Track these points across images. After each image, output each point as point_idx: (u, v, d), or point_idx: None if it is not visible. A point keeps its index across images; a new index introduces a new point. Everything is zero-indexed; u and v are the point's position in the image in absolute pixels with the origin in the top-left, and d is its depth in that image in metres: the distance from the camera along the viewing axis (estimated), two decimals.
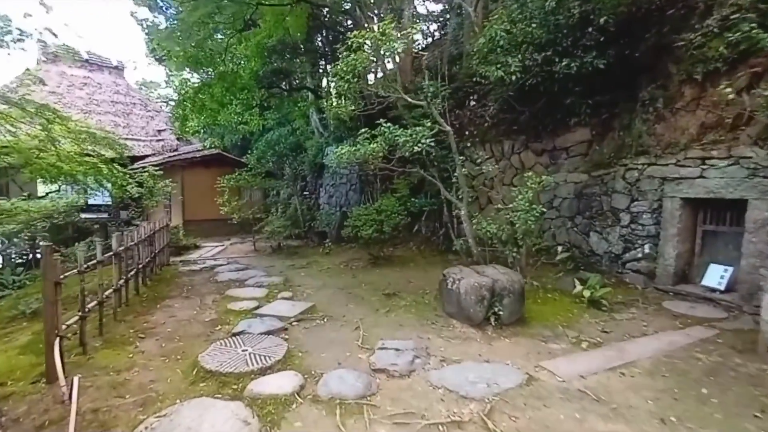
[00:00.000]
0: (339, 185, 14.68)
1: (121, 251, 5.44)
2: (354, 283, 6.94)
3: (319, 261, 8.95)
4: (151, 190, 12.82)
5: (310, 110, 17.01)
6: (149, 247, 7.26)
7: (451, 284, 4.79)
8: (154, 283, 6.91)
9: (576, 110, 6.70)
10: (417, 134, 5.12)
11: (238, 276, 7.33)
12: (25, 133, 8.98)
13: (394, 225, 8.02)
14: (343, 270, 8.05)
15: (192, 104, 10.97)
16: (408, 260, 8.62)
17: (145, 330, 4.76)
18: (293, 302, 5.55)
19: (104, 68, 19.21)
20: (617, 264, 5.83)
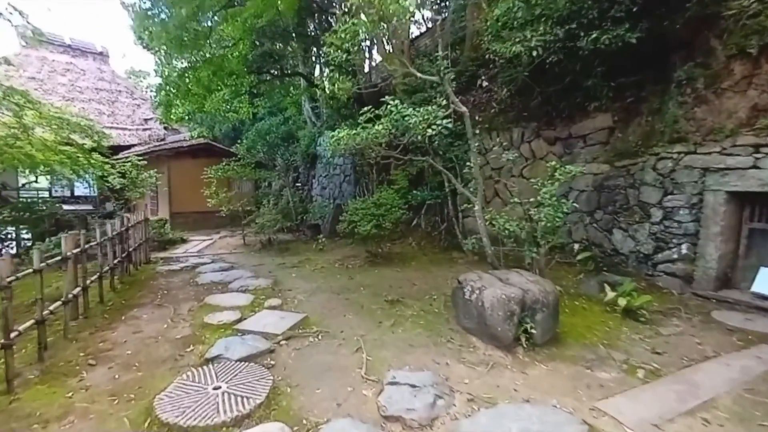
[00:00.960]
0: (333, 176, 13.56)
1: (76, 253, 4.33)
2: (351, 285, 5.95)
3: (312, 259, 7.92)
4: (134, 181, 11.55)
5: (303, 98, 15.78)
6: (121, 246, 6.14)
7: (469, 294, 3.83)
8: (125, 287, 5.81)
9: (596, 93, 5.74)
10: (429, 114, 4.08)
11: (222, 277, 6.26)
12: None
13: (394, 220, 7.01)
14: (339, 269, 7.04)
15: (176, 89, 9.67)
16: (408, 258, 7.65)
17: (99, 353, 3.70)
18: (282, 313, 4.53)
19: (88, 54, 17.55)
20: (646, 265, 4.95)
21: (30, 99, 7.96)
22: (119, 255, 5.99)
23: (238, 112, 13.56)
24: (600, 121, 5.91)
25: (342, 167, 12.73)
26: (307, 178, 16.16)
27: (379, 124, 4.04)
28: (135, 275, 6.59)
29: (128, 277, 6.36)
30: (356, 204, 7.56)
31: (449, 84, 4.46)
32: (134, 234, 7.07)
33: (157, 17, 10.00)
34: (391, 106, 4.15)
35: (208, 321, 4.32)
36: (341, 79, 7.18)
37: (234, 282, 5.95)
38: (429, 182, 8.59)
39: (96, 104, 15.85)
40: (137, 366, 3.46)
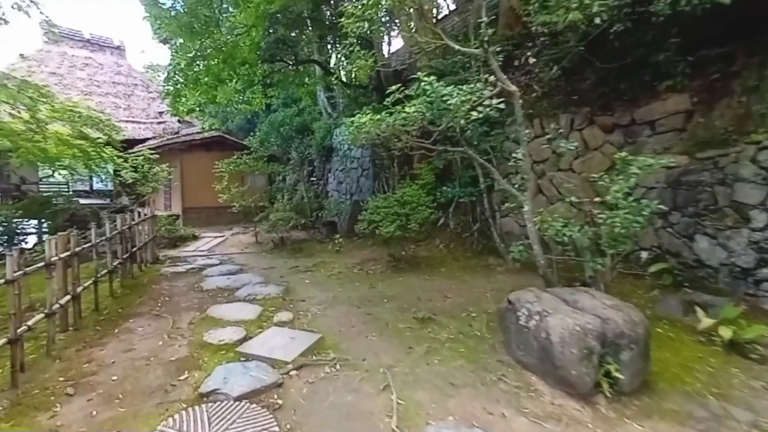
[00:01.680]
0: (350, 170, 12.91)
1: (65, 258, 3.83)
2: (373, 296, 5.28)
3: (327, 262, 7.30)
4: (146, 175, 11.26)
5: (318, 88, 15.21)
6: (123, 245, 5.68)
7: (526, 319, 3.09)
8: (125, 292, 5.34)
9: (670, 70, 4.82)
10: (473, 94, 3.29)
11: (229, 283, 5.71)
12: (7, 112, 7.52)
13: (421, 221, 6.29)
14: (358, 275, 6.39)
15: (185, 77, 9.20)
16: (436, 263, 6.92)
17: (81, 377, 3.17)
18: (293, 332, 3.90)
19: (106, 48, 17.56)
20: (745, 282, 4.05)
21: (43, 93, 7.71)
22: (121, 256, 5.54)
23: (251, 104, 13.06)
24: (674, 104, 4.98)
25: (360, 160, 12.06)
26: (323, 172, 15.62)
27: (411, 107, 3.31)
28: (138, 277, 6.14)
29: (131, 279, 5.91)
30: (377, 202, 6.87)
31: (495, 57, 3.68)
32: (140, 232, 6.66)
33: (166, 4, 9.57)
34: (425, 84, 3.40)
35: (208, 339, 3.74)
36: (363, 54, 6.46)
37: (241, 289, 5.39)
38: (459, 177, 7.80)
39: (113, 98, 15.78)
40: (120, 398, 2.90)
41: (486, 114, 3.40)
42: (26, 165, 9.30)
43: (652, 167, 3.51)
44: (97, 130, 8.49)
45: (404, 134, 4.05)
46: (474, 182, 7.16)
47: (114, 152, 10.00)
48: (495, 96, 3.78)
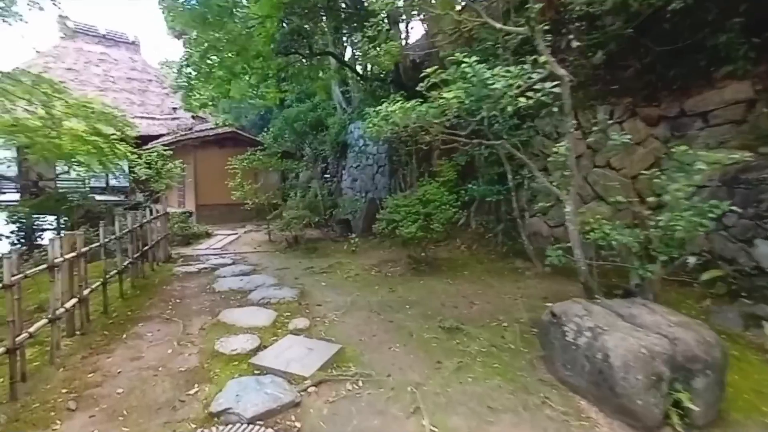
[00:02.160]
0: (365, 167, 12.61)
1: (69, 259, 3.65)
2: (393, 301, 4.99)
3: (343, 263, 7.03)
4: (159, 171, 11.22)
5: (333, 83, 14.97)
6: (134, 244, 5.53)
7: (575, 335, 2.75)
8: (135, 293, 5.18)
9: (731, 54, 4.35)
10: (521, 77, 2.91)
11: (242, 284, 5.50)
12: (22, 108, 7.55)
13: (445, 221, 5.95)
14: (376, 278, 6.10)
15: (198, 70, 9.06)
16: (458, 265, 6.58)
17: (84, 389, 2.98)
18: (311, 341, 3.64)
19: (121, 44, 17.67)
20: None
21: (57, 88, 7.68)
22: (132, 255, 5.39)
23: (265, 98, 12.92)
24: (733, 92, 4.51)
25: (375, 157, 11.74)
26: (337, 169, 15.39)
27: (449, 92, 2.97)
28: (150, 277, 5.99)
29: (142, 279, 5.76)
30: (397, 200, 6.57)
31: (542, 37, 3.29)
32: (152, 230, 6.52)
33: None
34: (465, 66, 3.04)
35: (220, 348, 3.51)
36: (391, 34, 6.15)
37: (255, 291, 5.16)
38: (482, 175, 7.43)
39: (127, 94, 15.87)
40: (125, 415, 2.69)
41: (538, 98, 3.01)
42: (42, 161, 9.36)
43: (721, 163, 3.11)
44: (111, 126, 8.43)
45: (435, 126, 3.71)
46: (501, 180, 6.78)
47: (128, 148, 9.98)
48: (541, 81, 3.39)
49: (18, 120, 7.52)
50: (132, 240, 5.38)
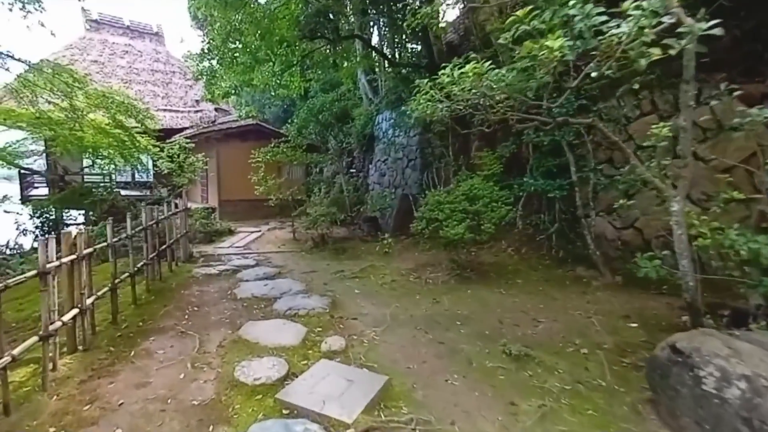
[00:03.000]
0: (394, 161, 11.92)
1: (70, 262, 3.16)
2: (441, 315, 4.30)
3: (376, 266, 6.39)
4: (181, 165, 10.95)
5: (358, 72, 14.34)
6: (150, 243, 5.08)
7: (718, 385, 2.02)
8: (149, 298, 4.72)
9: None
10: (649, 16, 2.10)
11: (266, 290, 4.94)
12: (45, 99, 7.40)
13: (497, 220, 5.19)
14: (415, 285, 5.43)
15: (220, 56, 8.61)
16: (509, 272, 5.82)
17: (78, 428, 2.46)
18: (349, 370, 3.01)
19: (145, 35, 17.67)
20: None
21: (77, 78, 7.43)
22: (147, 256, 4.94)
23: (289, 88, 12.41)
24: None
25: (406, 149, 11.01)
26: (363, 163, 14.79)
27: (554, 40, 2.21)
28: (167, 280, 5.54)
29: (159, 282, 5.32)
30: (438, 196, 5.85)
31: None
32: (170, 227, 6.09)
33: None
34: (572, 9, 2.26)
35: (241, 376, 2.93)
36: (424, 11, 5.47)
37: (280, 300, 4.59)
38: (535, 167, 6.58)
39: (151, 86, 15.80)
40: None
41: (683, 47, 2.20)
42: (66, 155, 9.23)
43: None
44: (131, 118, 8.12)
45: (512, 96, 2.93)
46: (560, 172, 5.94)
47: (150, 141, 9.72)
48: None
49: (41, 112, 7.31)
50: (147, 239, 4.93)
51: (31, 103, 7.25)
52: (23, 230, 7.56)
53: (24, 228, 7.61)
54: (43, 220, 7.95)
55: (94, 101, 7.41)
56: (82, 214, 10.30)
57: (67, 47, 14.61)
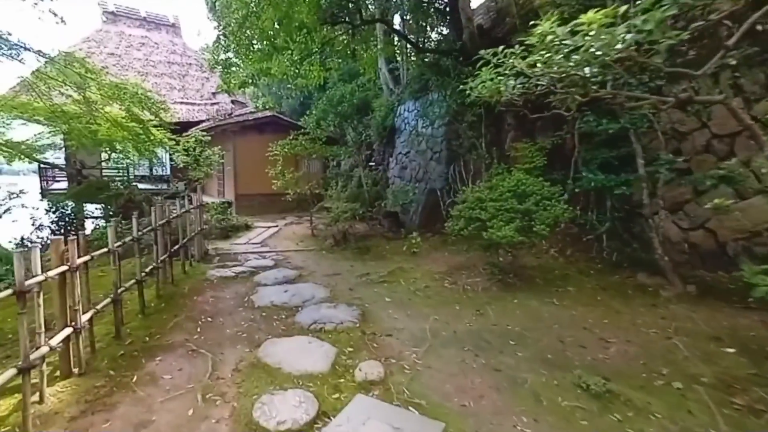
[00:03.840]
0: (417, 153, 11.25)
1: (60, 275, 2.65)
2: (489, 332, 3.66)
3: (405, 268, 5.77)
4: (197, 158, 10.54)
5: (379, 61, 13.65)
6: (161, 242, 4.58)
7: None
8: (160, 305, 4.22)
9: None
10: None
11: (286, 298, 4.38)
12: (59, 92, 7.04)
13: (552, 221, 4.48)
14: (452, 292, 4.79)
15: (236, 43, 8.04)
16: (556, 277, 5.12)
17: None
18: (394, 410, 2.41)
19: (161, 27, 17.31)
20: None
21: (89, 68, 7.02)
22: (158, 258, 4.44)
23: (308, 78, 11.82)
24: None
25: (430, 141, 10.29)
26: (383, 155, 14.14)
27: None
28: (180, 283, 5.04)
29: (170, 286, 4.81)
30: (479, 192, 5.17)
31: None
32: (184, 225, 5.61)
33: None
34: None
35: (261, 417, 2.36)
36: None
37: (303, 310, 4.02)
38: (589, 159, 5.81)
39: (168, 78, 15.45)
40: None
41: None
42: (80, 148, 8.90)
43: None
44: (145, 110, 7.67)
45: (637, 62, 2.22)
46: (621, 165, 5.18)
47: (166, 134, 9.31)
48: None
49: (55, 105, 6.95)
50: (156, 239, 4.42)
51: (44, 96, 6.89)
52: (39, 226, 7.24)
53: (40, 223, 7.28)
54: (60, 215, 7.60)
55: (108, 93, 6.98)
56: (100, 209, 10.02)
57: (84, 40, 14.35)
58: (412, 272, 5.58)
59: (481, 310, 4.21)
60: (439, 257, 6.44)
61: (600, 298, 4.50)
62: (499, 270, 5.16)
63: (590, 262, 5.65)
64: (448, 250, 6.75)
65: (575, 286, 4.88)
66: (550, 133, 7.38)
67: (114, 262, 3.38)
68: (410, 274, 5.51)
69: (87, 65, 7.10)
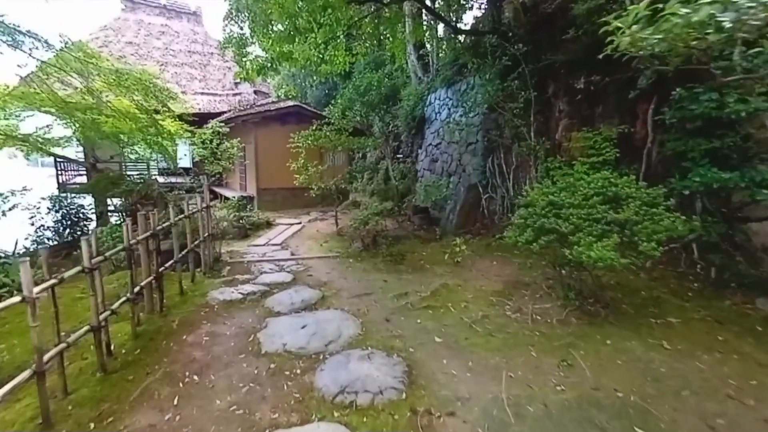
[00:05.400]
0: (449, 145, 9.81)
1: None
2: (593, 403, 2.36)
3: (450, 285, 4.46)
4: (214, 151, 9.52)
5: (408, 48, 12.23)
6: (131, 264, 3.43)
7: None
8: (131, 353, 3.01)
9: None
10: None
11: (304, 339, 3.15)
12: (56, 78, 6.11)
13: (665, 236, 3.08)
14: (519, 324, 3.46)
15: (252, 18, 6.81)
16: (644, 300, 3.75)
17: None
18: None
19: (182, 15, 16.26)
20: None
21: (88, 52, 6.03)
22: (131, 288, 3.24)
23: (332, 63, 10.51)
24: None
25: (464, 131, 8.78)
26: (411, 147, 12.79)
27: None
28: (171, 309, 3.79)
29: (155, 318, 3.58)
30: (552, 193, 3.78)
31: None
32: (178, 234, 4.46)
33: None
34: None
35: None
36: None
37: (327, 364, 2.78)
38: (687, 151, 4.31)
39: (188, 68, 14.48)
40: None
41: None
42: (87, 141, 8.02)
43: None
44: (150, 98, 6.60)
45: None
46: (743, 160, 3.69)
47: (181, 126, 8.32)
48: None
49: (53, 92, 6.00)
50: (129, 261, 3.24)
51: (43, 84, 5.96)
52: (39, 226, 6.38)
53: (41, 224, 6.42)
54: (64, 214, 6.71)
55: (107, 79, 5.95)
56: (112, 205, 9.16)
57: (102, 28, 13.50)
58: (461, 292, 4.29)
59: (569, 360, 2.90)
60: (487, 267, 5.12)
61: (722, 337, 3.11)
62: (576, 293, 3.81)
63: (682, 280, 4.23)
64: (495, 258, 5.43)
65: (677, 315, 3.49)
66: (615, 121, 5.94)
67: (92, 286, 2.26)
68: (459, 294, 4.23)
69: (86, 49, 6.09)
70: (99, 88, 6.20)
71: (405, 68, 13.33)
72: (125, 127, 6.80)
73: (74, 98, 6.29)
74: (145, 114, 6.53)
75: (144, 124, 6.77)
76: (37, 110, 6.94)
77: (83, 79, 5.95)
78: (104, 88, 6.20)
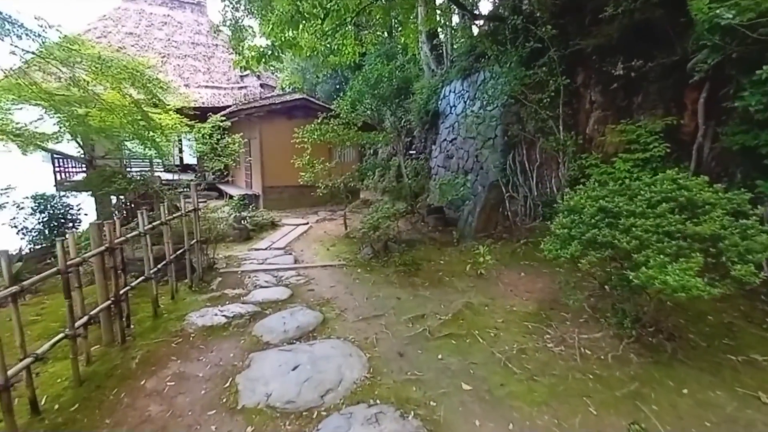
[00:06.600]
0: (465, 140, 9.02)
1: None
2: None
3: (474, 305, 3.74)
4: (214, 147, 8.93)
5: (420, 39, 11.45)
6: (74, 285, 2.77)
7: None
8: (73, 400, 2.34)
9: None
10: None
11: (294, 387, 2.45)
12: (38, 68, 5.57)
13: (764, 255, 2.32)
14: (567, 363, 2.74)
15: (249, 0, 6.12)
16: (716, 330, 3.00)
17: None
18: None
19: (185, 5, 15.67)
20: None
21: (66, 36, 5.47)
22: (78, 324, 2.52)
23: (340, 54, 9.77)
24: None
25: (481, 126, 7.94)
26: (424, 143, 12.04)
27: None
28: (137, 339, 3.12)
29: (114, 351, 2.91)
30: (606, 197, 3.01)
31: None
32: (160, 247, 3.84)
33: None
34: None
35: None
36: None
37: (322, 424, 2.14)
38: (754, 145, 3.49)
39: (192, 60, 13.91)
40: None
41: None
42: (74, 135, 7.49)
43: None
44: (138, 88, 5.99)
45: None
46: None
47: (179, 120, 7.74)
48: None
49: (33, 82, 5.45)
50: (66, 286, 2.49)
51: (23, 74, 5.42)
52: (21, 229, 5.87)
53: (24, 226, 5.91)
54: (49, 215, 6.18)
55: (91, 67, 5.36)
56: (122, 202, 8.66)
57: (100, 18, 12.98)
58: (488, 314, 3.57)
59: (641, 422, 2.17)
60: (515, 281, 4.38)
61: None
62: (632, 320, 3.06)
63: (753, 300, 3.44)
64: (523, 268, 4.68)
65: (762, 351, 2.73)
66: (659, 111, 5.15)
67: None
68: (486, 318, 3.51)
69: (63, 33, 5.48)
70: (85, 78, 5.64)
71: (417, 60, 12.54)
72: (115, 120, 6.24)
73: (60, 91, 5.76)
74: (133, 105, 5.94)
75: (133, 118, 6.19)
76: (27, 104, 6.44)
77: (68, 69, 5.40)
78: (89, 77, 5.63)
